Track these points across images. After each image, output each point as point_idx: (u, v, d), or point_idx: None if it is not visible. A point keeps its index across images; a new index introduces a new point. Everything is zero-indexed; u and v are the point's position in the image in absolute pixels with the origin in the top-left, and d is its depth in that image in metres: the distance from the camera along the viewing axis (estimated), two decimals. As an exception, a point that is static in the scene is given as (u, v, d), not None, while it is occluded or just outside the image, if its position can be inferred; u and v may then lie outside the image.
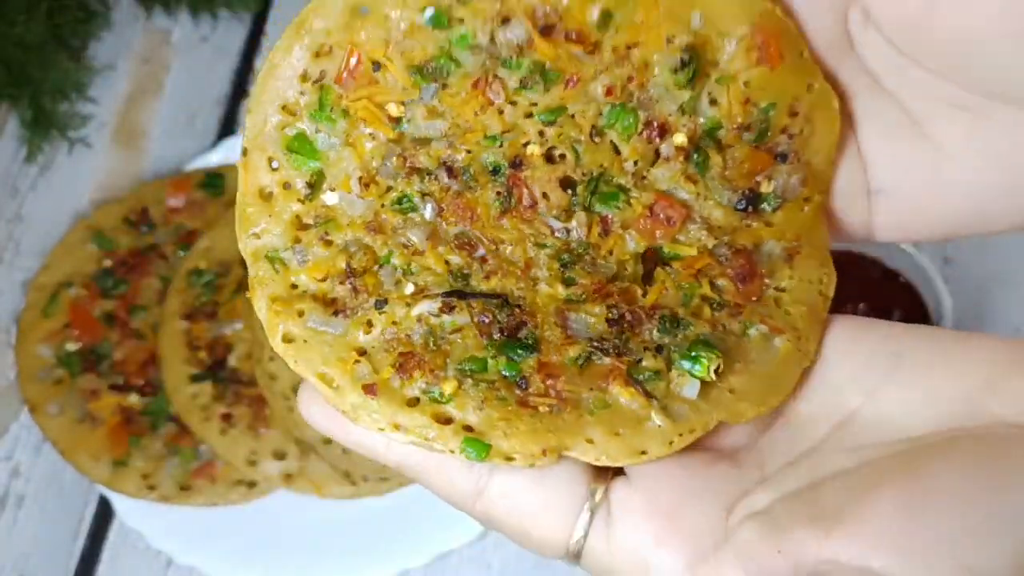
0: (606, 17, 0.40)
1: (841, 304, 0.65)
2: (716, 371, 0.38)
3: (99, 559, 0.65)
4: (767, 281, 0.40)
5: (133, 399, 0.67)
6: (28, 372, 0.69)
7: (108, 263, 0.71)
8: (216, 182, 0.73)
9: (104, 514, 0.67)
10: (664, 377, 0.38)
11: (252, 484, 0.64)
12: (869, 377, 0.36)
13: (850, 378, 0.36)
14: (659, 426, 0.38)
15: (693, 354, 0.38)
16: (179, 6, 0.85)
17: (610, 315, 0.39)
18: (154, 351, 0.67)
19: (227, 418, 0.64)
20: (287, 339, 0.39)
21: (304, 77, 0.40)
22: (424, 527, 0.63)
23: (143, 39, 0.85)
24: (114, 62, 0.84)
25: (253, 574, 0.63)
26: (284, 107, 0.41)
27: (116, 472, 0.65)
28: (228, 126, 0.80)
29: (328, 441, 0.62)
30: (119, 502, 0.65)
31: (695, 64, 0.40)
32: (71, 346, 0.69)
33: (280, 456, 0.64)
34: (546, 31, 0.40)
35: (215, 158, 0.75)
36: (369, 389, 0.38)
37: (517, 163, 0.41)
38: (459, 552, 0.63)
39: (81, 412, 0.67)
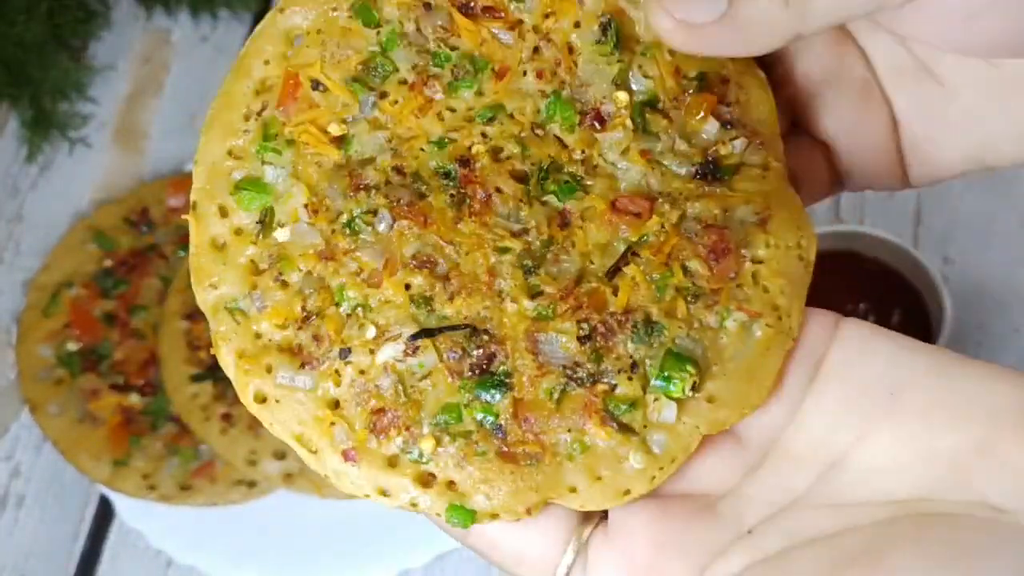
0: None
1: (841, 304, 0.65)
2: (694, 386, 0.37)
3: (99, 559, 0.66)
4: (743, 252, 0.39)
5: (133, 399, 0.67)
6: (29, 372, 0.69)
7: (108, 263, 0.71)
8: (216, 182, 0.73)
9: (104, 514, 0.67)
10: (640, 405, 0.37)
11: (252, 484, 0.64)
12: (863, 413, 0.34)
13: (844, 410, 0.35)
14: (638, 468, 0.37)
15: (666, 373, 0.37)
16: (179, 6, 0.85)
17: (580, 331, 0.38)
18: (154, 351, 0.67)
19: (227, 418, 0.64)
20: (259, 399, 0.38)
21: (247, 116, 0.40)
22: (424, 527, 0.62)
23: (143, 39, 0.85)
24: (114, 62, 0.84)
25: (253, 574, 0.63)
26: (230, 152, 0.40)
27: (116, 472, 0.65)
28: (228, 126, 0.80)
29: None
30: (119, 502, 0.65)
31: (615, 29, 0.39)
32: (71, 346, 0.69)
33: (280, 456, 0.64)
34: (465, 9, 0.40)
35: (215, 158, 0.75)
36: (348, 455, 0.37)
37: (465, 162, 0.39)
38: (458, 552, 0.63)
39: (81, 412, 0.67)
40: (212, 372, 0.66)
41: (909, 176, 0.41)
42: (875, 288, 0.65)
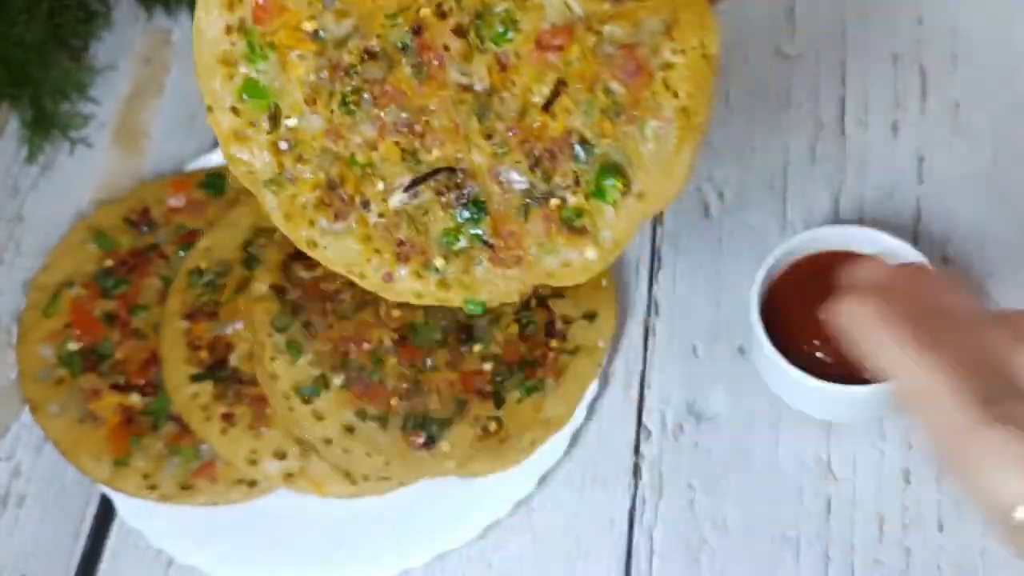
0: None
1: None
2: (624, 190, 0.48)
3: (100, 559, 0.66)
4: (653, 64, 0.46)
5: (134, 399, 0.67)
6: (29, 372, 0.69)
7: (109, 263, 0.71)
8: (217, 182, 0.73)
9: (105, 514, 0.67)
10: (586, 211, 0.49)
11: (253, 483, 0.64)
12: None
13: None
14: (593, 257, 0.49)
15: (599, 187, 0.48)
16: (179, 6, 0.85)
17: (529, 160, 0.48)
18: (155, 351, 0.68)
19: (228, 418, 0.64)
20: (310, 244, 0.50)
21: (228, 30, 0.47)
22: (424, 527, 0.63)
23: (144, 39, 0.85)
24: (115, 62, 0.84)
25: (254, 573, 0.63)
26: (223, 61, 0.48)
27: (117, 472, 0.65)
28: (229, 126, 0.80)
29: (329, 441, 0.62)
30: (120, 502, 0.65)
31: None
32: (72, 346, 0.69)
33: (281, 456, 0.64)
34: None
35: (216, 158, 0.75)
36: (387, 277, 0.51)
37: (417, 29, 0.47)
38: (459, 552, 0.63)
39: (82, 412, 0.67)
40: (212, 372, 0.66)
41: None
42: (875, 288, 0.65)
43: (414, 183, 0.49)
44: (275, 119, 0.49)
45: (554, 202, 0.49)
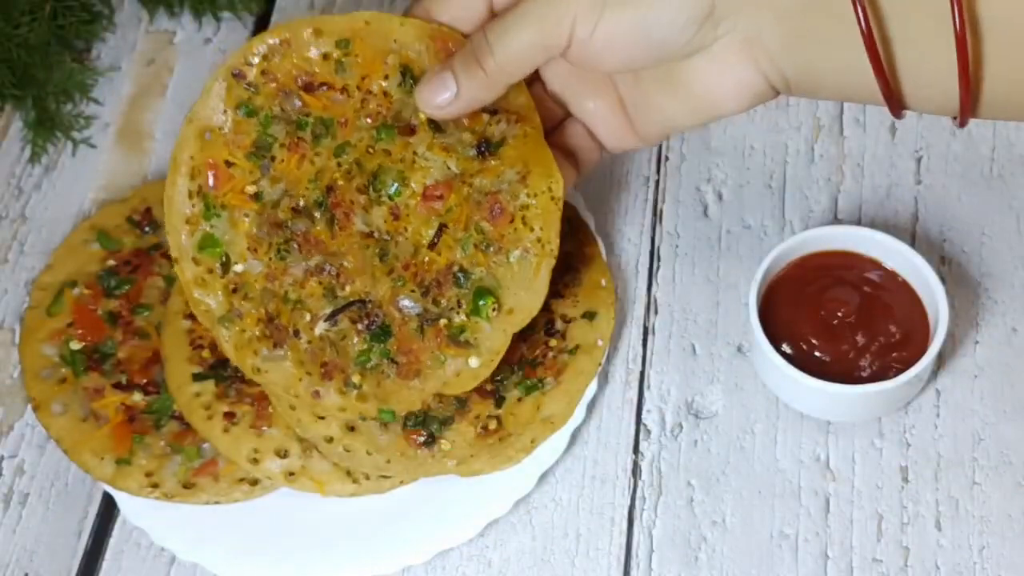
0: (339, 64, 0.59)
1: (840, 303, 0.66)
2: (496, 308, 0.58)
3: (102, 556, 0.66)
4: (513, 206, 0.58)
5: (136, 398, 0.67)
6: (32, 371, 0.69)
7: (112, 263, 0.72)
8: (219, 182, 0.73)
9: (108, 512, 0.67)
10: (468, 327, 0.59)
11: (254, 482, 0.65)
12: None
13: None
14: (477, 365, 0.60)
15: (476, 307, 0.59)
16: (182, 8, 0.85)
17: (421, 289, 0.59)
18: (157, 350, 0.68)
19: (230, 416, 0.64)
20: (254, 371, 0.61)
21: (190, 194, 0.60)
22: (425, 525, 0.63)
23: (146, 41, 0.85)
24: (118, 63, 0.84)
25: (255, 571, 0.63)
26: (187, 221, 0.60)
27: (119, 470, 0.65)
28: (231, 127, 0.80)
29: (330, 439, 0.63)
30: (123, 500, 0.65)
31: (411, 74, 0.58)
32: (75, 345, 0.69)
33: (282, 454, 0.64)
34: (308, 88, 0.59)
35: (218, 159, 0.75)
36: (316, 394, 0.61)
37: (329, 189, 0.59)
38: (459, 550, 0.64)
39: (85, 411, 0.67)
40: (215, 371, 0.66)
41: (639, 136, 0.60)
42: (873, 288, 0.65)
43: (333, 314, 0.60)
44: (226, 266, 0.60)
45: (443, 322, 0.59)
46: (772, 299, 0.65)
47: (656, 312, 0.70)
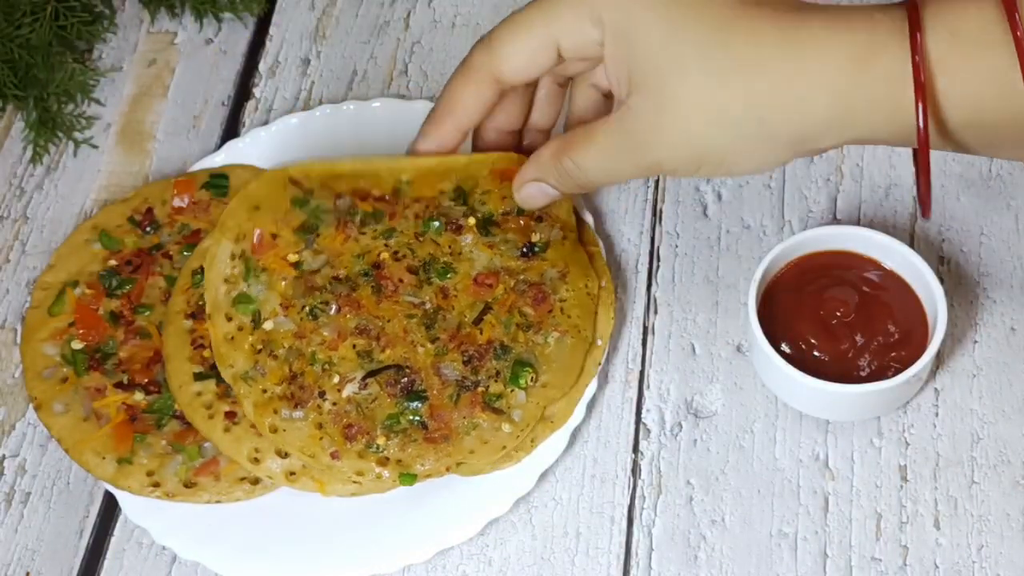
0: (397, 192, 0.65)
1: (839, 303, 0.66)
2: (533, 379, 0.62)
3: (104, 555, 0.66)
4: (553, 297, 0.64)
5: (138, 397, 0.67)
6: (33, 370, 0.69)
7: (113, 262, 0.72)
8: (220, 182, 0.73)
9: (109, 511, 0.67)
10: (504, 396, 0.62)
11: (256, 481, 0.65)
12: None
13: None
14: (508, 432, 0.62)
15: (515, 375, 0.62)
16: (183, 9, 0.86)
17: (464, 358, 0.62)
18: (159, 350, 0.68)
19: (231, 416, 0.65)
20: (272, 430, 0.62)
21: (232, 256, 0.64)
22: (425, 524, 0.63)
23: (148, 41, 0.85)
24: (119, 64, 0.84)
25: (256, 570, 0.63)
26: (226, 280, 0.63)
27: (121, 469, 0.65)
28: (232, 128, 0.81)
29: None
30: (124, 499, 0.65)
31: (464, 191, 0.65)
32: (76, 344, 0.69)
33: (283, 454, 0.64)
34: (362, 197, 0.64)
35: (219, 159, 0.75)
36: (334, 456, 0.61)
37: (377, 265, 0.64)
38: (459, 549, 0.64)
39: (86, 410, 0.67)
40: (216, 371, 0.66)
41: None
42: (872, 288, 0.65)
43: (370, 375, 0.62)
44: (256, 322, 0.63)
45: (480, 389, 0.62)
46: (771, 299, 0.65)
47: (656, 312, 0.71)
